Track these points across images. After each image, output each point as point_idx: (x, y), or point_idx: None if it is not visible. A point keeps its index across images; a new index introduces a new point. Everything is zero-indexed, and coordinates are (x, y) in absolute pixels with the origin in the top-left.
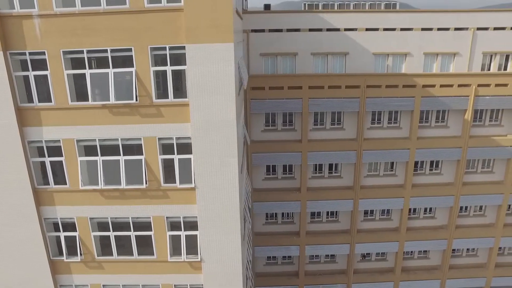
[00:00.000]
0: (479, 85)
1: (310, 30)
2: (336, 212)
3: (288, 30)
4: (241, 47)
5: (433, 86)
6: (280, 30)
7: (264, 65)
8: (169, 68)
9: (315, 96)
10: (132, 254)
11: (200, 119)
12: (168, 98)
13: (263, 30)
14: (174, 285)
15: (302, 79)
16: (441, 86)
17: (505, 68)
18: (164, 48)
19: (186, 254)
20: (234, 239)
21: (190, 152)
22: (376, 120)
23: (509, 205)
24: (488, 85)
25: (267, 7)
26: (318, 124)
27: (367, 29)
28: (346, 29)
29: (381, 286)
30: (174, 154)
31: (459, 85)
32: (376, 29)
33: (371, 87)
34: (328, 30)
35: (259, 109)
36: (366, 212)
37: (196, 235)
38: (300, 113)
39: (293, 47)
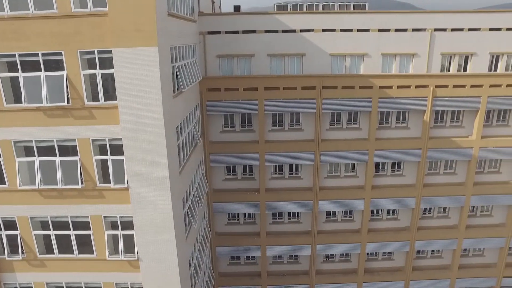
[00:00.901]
0: (437, 86)
1: (266, 31)
2: (298, 213)
3: (244, 32)
4: (194, 50)
5: (391, 87)
6: (236, 32)
7: (221, 67)
8: (98, 72)
9: (270, 97)
10: (73, 253)
11: (128, 121)
12: (99, 100)
13: (219, 32)
14: (115, 283)
15: (257, 80)
16: (399, 87)
17: (465, 69)
18: (93, 52)
19: (125, 253)
20: (169, 239)
21: (122, 153)
22: (335, 121)
23: (473, 207)
24: (446, 86)
25: (236, 8)
26: (277, 125)
27: (323, 30)
28: (302, 30)
29: (344, 287)
30: (107, 155)
31: (417, 86)
32: (333, 30)
33: (328, 88)
34: (284, 31)
35: (215, 110)
36: (328, 213)
37: (133, 235)
38: (257, 114)
39: (249, 48)
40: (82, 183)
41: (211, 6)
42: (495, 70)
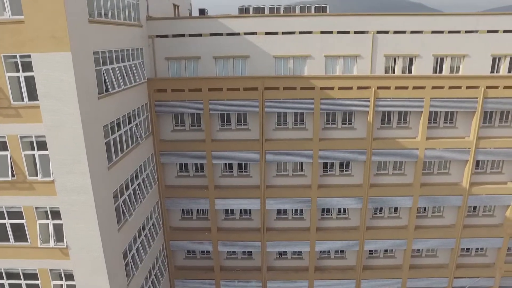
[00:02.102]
0: (378, 88)
1: (212, 34)
2: (249, 210)
3: (191, 35)
4: (138, 53)
5: (332, 88)
6: (183, 35)
7: (169, 68)
8: (21, 74)
9: (215, 98)
10: (9, 240)
11: (50, 120)
12: (24, 100)
13: (167, 36)
14: (49, 269)
15: (201, 82)
16: (340, 88)
17: (410, 71)
18: (15, 57)
19: (56, 241)
20: (92, 230)
21: (47, 149)
22: (282, 121)
23: (424, 208)
24: (388, 88)
25: (201, 11)
26: (225, 124)
27: (266, 33)
28: (246, 33)
29: (296, 284)
30: (35, 150)
31: (358, 87)
32: (276, 33)
33: (270, 89)
34: (228, 34)
35: (164, 110)
36: (279, 211)
37: (62, 224)
38: (209, 114)
39: (195, 51)
40: (13, 175)
41: (174, 10)
42: (440, 72)
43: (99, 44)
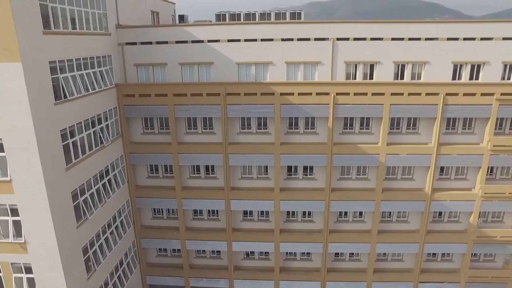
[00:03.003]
0: (338, 94)
1: (177, 42)
2: (217, 211)
3: (158, 43)
4: (106, 60)
5: (292, 94)
6: (150, 43)
7: (138, 74)
8: None
9: (180, 102)
10: None
11: (5, 124)
12: None
13: (135, 43)
14: (11, 263)
15: (167, 87)
16: (299, 94)
17: (371, 77)
18: None
19: (16, 237)
20: (48, 226)
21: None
22: (246, 125)
23: (390, 212)
24: (347, 94)
25: (181, 18)
26: (192, 128)
27: (229, 40)
28: (210, 41)
29: (262, 284)
30: None
31: (318, 93)
32: (238, 40)
33: (231, 95)
34: (193, 42)
35: (133, 114)
36: (245, 213)
37: (20, 220)
38: (174, 118)
39: (162, 58)
40: None
41: (152, 17)
42: (402, 78)
43: (55, 54)
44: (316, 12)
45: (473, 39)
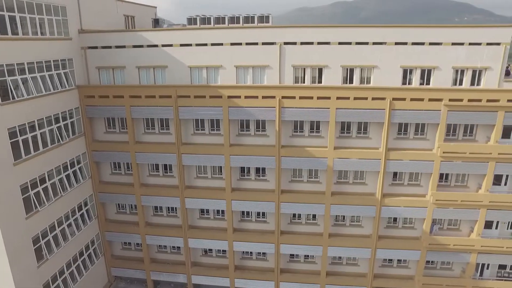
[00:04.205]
0: (283, 97)
1: (134, 46)
2: (175, 208)
3: (117, 47)
4: (66, 63)
5: (239, 97)
6: (110, 47)
7: (100, 76)
8: None
9: (135, 104)
10: None
11: None
12: None
13: (96, 47)
14: None
15: (123, 89)
16: (246, 97)
17: (320, 81)
18: None
19: None
20: None
21: None
22: (200, 127)
23: (343, 216)
24: (293, 97)
25: (156, 21)
26: (150, 128)
27: (181, 45)
28: (164, 45)
29: (218, 280)
30: None
31: (264, 97)
32: (190, 45)
33: (182, 97)
34: (148, 46)
35: (94, 114)
36: (202, 211)
37: None
38: (131, 118)
39: (121, 61)
40: None
41: (125, 21)
42: (351, 82)
43: (2, 58)
44: (340, 12)
45: (422, 43)
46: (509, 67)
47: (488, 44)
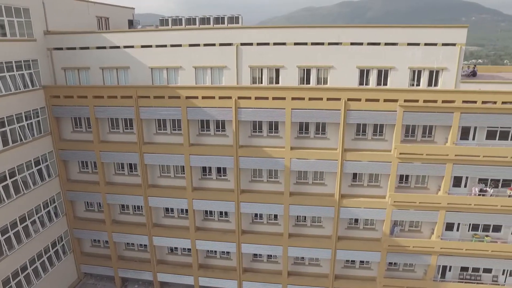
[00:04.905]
0: (240, 98)
1: (98, 47)
2: (140, 206)
3: (81, 48)
4: (30, 64)
5: (196, 97)
6: (74, 48)
7: (67, 77)
8: None
9: (98, 104)
10: None
11: None
12: None
13: (62, 48)
14: None
15: (86, 90)
16: (203, 97)
17: (277, 82)
18: None
19: None
20: None
21: None
22: (162, 126)
23: (305, 217)
24: (249, 98)
25: (130, 23)
26: (115, 127)
27: (142, 46)
28: (125, 46)
29: (183, 278)
30: None
31: (220, 97)
32: (150, 46)
33: (142, 98)
34: (111, 47)
35: (60, 113)
36: (167, 209)
37: None
38: (95, 118)
39: (85, 62)
40: None
41: (98, 23)
42: (308, 83)
43: None
44: (347, 12)
45: (378, 44)
46: (475, 68)
47: (443, 44)
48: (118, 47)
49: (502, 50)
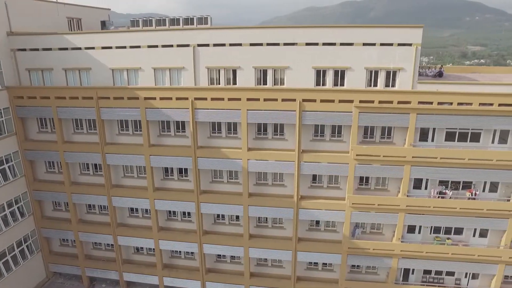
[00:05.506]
0: (196, 98)
1: (60, 49)
2: (105, 206)
3: (44, 49)
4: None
5: (154, 98)
6: (37, 49)
7: (31, 78)
8: None
9: (61, 105)
10: None
11: None
12: None
13: (25, 49)
14: None
15: (48, 91)
16: (161, 98)
17: (235, 82)
18: None
19: None
20: None
21: None
22: (124, 127)
23: (266, 218)
24: (205, 99)
25: (103, 24)
26: (80, 128)
27: (103, 47)
28: (86, 48)
29: (148, 278)
30: None
31: (178, 98)
32: (110, 47)
33: (103, 99)
34: (73, 48)
35: (24, 114)
36: (132, 209)
37: None
38: (58, 119)
39: (48, 63)
40: None
41: (68, 24)
42: (265, 83)
43: None
44: (349, 11)
45: (334, 44)
46: (442, 68)
47: (399, 44)
48: (80, 48)
49: (505, 50)
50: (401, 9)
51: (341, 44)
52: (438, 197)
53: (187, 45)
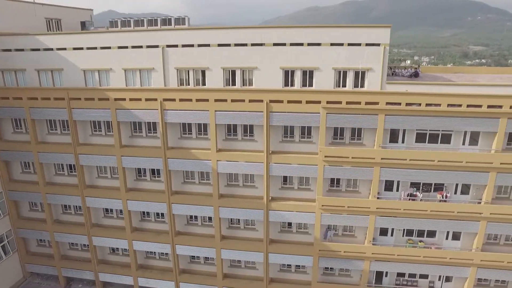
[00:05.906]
0: (164, 100)
1: (32, 49)
2: (79, 206)
3: (17, 50)
4: None
5: (124, 99)
6: (9, 50)
7: (4, 79)
8: None
9: (33, 106)
10: None
11: None
12: None
13: None
14: None
15: (20, 91)
16: (131, 99)
17: (204, 83)
18: None
19: None
20: None
21: None
22: (97, 128)
23: (238, 219)
24: (173, 100)
25: (83, 24)
26: (54, 129)
27: (74, 48)
28: (58, 49)
29: (123, 278)
30: None
31: (146, 99)
32: (81, 48)
33: (74, 100)
34: (45, 49)
35: None
36: (107, 210)
37: None
38: (31, 119)
39: (21, 64)
40: None
41: (47, 24)
42: (234, 84)
43: None
44: (351, 11)
45: (301, 44)
46: (418, 69)
47: (367, 44)
48: (52, 49)
49: (507, 50)
50: (403, 8)
51: (309, 44)
52: (409, 199)
53: (156, 46)
